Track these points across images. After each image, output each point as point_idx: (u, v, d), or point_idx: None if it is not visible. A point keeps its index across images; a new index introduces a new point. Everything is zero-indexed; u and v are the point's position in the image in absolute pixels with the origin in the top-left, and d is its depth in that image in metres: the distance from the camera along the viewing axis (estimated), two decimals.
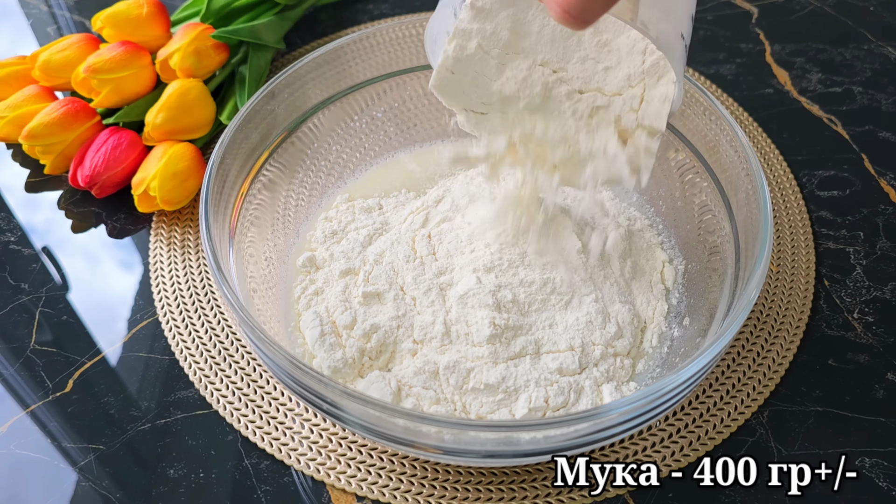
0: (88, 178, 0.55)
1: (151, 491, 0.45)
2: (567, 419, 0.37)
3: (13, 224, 0.58)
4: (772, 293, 0.53)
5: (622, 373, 0.46)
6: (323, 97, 0.55)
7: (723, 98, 0.66)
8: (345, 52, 0.54)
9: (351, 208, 0.53)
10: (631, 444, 0.46)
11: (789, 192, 0.59)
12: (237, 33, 0.61)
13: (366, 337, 0.46)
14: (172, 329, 0.52)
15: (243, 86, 0.61)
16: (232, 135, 0.48)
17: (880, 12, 0.73)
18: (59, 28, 0.73)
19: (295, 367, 0.38)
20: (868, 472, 0.45)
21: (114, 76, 0.57)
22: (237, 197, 0.49)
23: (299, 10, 0.68)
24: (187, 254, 0.55)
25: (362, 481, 0.45)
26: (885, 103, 0.65)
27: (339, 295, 0.48)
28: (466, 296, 0.46)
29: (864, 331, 0.51)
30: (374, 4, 0.74)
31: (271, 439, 0.47)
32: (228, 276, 0.43)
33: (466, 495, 0.44)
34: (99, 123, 0.59)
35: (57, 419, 0.48)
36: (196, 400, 0.48)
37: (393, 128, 0.58)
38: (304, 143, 0.54)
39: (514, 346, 0.45)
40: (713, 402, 0.48)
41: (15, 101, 0.59)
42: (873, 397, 0.48)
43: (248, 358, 0.50)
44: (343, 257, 0.50)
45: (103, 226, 0.58)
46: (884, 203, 0.58)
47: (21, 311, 0.53)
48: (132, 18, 0.60)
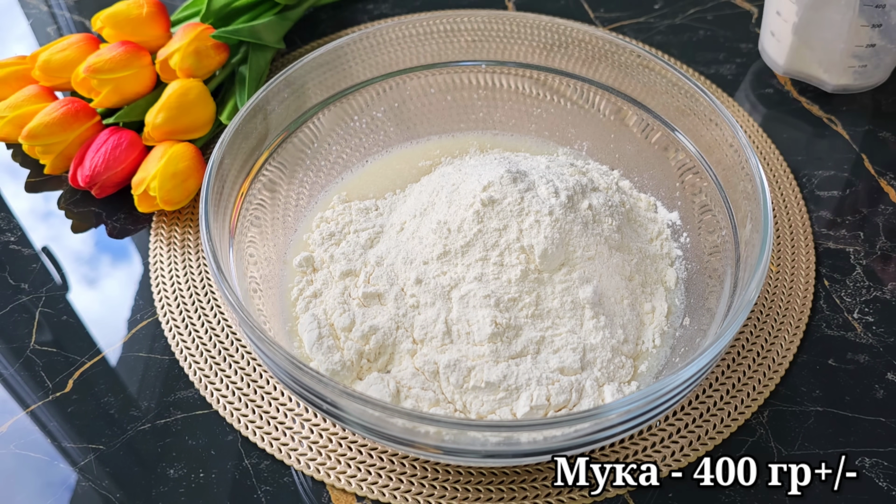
0: (88, 178, 0.55)
1: (151, 491, 0.45)
2: (567, 419, 0.37)
3: (13, 224, 0.58)
4: (772, 293, 0.53)
5: (623, 373, 0.46)
6: (323, 97, 0.55)
7: (723, 98, 0.66)
8: (345, 52, 0.55)
9: (348, 209, 0.53)
10: (631, 444, 0.46)
11: (789, 192, 0.59)
12: (237, 33, 0.61)
13: (364, 339, 0.46)
14: (172, 329, 0.52)
15: (243, 86, 0.61)
16: (232, 135, 0.48)
17: None
18: (59, 28, 0.73)
19: (295, 366, 0.38)
20: (868, 472, 0.45)
21: (114, 76, 0.57)
22: (237, 197, 0.49)
23: (299, 10, 0.68)
24: (187, 254, 0.55)
25: (362, 481, 0.45)
26: (885, 103, 0.65)
27: (338, 297, 0.48)
28: (468, 295, 0.46)
29: (864, 331, 0.51)
30: (374, 4, 0.74)
31: (271, 439, 0.47)
32: (228, 276, 0.43)
33: (466, 495, 0.44)
34: (99, 123, 0.59)
35: (57, 419, 0.48)
36: (196, 400, 0.48)
37: (393, 128, 0.58)
38: (303, 143, 0.54)
39: (515, 345, 0.45)
40: (713, 402, 0.48)
41: (15, 101, 0.59)
42: (873, 397, 0.48)
43: (248, 358, 0.50)
44: (343, 259, 0.50)
45: (103, 226, 0.58)
46: (884, 203, 0.58)
47: (21, 311, 0.53)
48: (132, 18, 0.60)
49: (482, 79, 0.58)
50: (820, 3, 0.58)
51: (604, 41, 0.55)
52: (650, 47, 0.70)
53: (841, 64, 0.62)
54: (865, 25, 0.58)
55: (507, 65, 0.58)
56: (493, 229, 0.47)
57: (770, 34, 0.64)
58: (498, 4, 0.75)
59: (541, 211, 0.47)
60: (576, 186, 0.49)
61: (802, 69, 0.64)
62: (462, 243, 0.47)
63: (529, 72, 0.58)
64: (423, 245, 0.48)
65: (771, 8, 0.63)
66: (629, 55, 0.54)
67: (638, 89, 0.54)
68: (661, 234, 0.52)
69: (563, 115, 0.58)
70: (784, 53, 0.63)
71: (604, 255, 0.48)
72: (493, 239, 0.46)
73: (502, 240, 0.46)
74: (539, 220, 0.46)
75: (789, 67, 0.64)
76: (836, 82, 0.63)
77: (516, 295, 0.46)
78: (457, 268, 0.47)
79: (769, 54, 0.65)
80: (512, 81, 0.58)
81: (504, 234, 0.46)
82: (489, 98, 0.59)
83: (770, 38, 0.64)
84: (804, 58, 0.63)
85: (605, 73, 0.56)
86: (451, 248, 0.47)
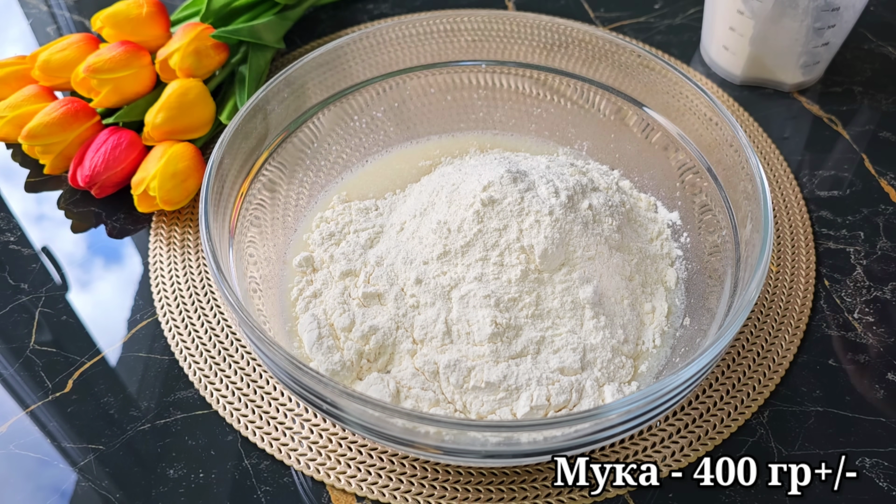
0: (88, 178, 0.55)
1: (151, 491, 0.45)
2: (567, 419, 0.37)
3: (13, 224, 0.58)
4: (772, 293, 0.53)
5: (623, 373, 0.46)
6: (323, 97, 0.55)
7: (723, 98, 0.66)
8: (345, 52, 0.55)
9: (348, 209, 0.53)
10: (631, 444, 0.46)
11: (789, 192, 0.59)
12: (237, 33, 0.61)
13: (364, 339, 0.46)
14: (172, 329, 0.52)
15: (243, 86, 0.61)
16: (232, 135, 0.48)
17: (880, 12, 0.73)
18: (58, 28, 0.73)
19: (295, 366, 0.38)
20: (868, 472, 0.45)
21: (114, 76, 0.57)
22: (237, 197, 0.49)
23: (299, 10, 0.68)
24: (187, 254, 0.55)
25: (362, 481, 0.45)
26: (885, 103, 0.65)
27: (338, 297, 0.48)
28: (468, 295, 0.46)
29: (865, 331, 0.51)
30: (374, 4, 0.74)
31: (271, 439, 0.47)
32: (228, 276, 0.43)
33: (466, 495, 0.44)
34: (99, 123, 0.59)
35: (57, 419, 0.48)
36: (196, 400, 0.48)
37: (393, 128, 0.58)
38: (303, 143, 0.54)
39: (515, 345, 0.45)
40: (713, 402, 0.48)
41: (15, 101, 0.59)
42: (873, 397, 0.48)
43: (248, 358, 0.50)
44: (343, 259, 0.50)
45: (103, 226, 0.58)
46: (884, 203, 0.58)
47: (21, 311, 0.53)
48: (132, 18, 0.60)
49: (482, 79, 0.58)
50: (777, 16, 0.60)
51: (604, 41, 0.55)
52: (650, 47, 0.70)
53: (797, 64, 0.64)
54: (821, 28, 0.60)
55: (507, 65, 0.58)
56: (493, 229, 0.47)
57: (723, 48, 0.66)
58: (498, 4, 0.75)
59: (541, 211, 0.47)
60: (576, 186, 0.49)
61: (759, 75, 0.66)
62: (462, 243, 0.47)
63: (529, 72, 0.58)
64: (423, 245, 0.48)
65: (720, 24, 0.64)
66: (629, 55, 0.54)
67: (638, 89, 0.54)
68: (661, 234, 0.52)
69: (564, 114, 0.58)
70: (741, 65, 0.65)
71: (604, 255, 0.48)
72: (493, 239, 0.46)
73: (502, 240, 0.46)
74: (539, 220, 0.46)
75: (746, 76, 0.66)
76: (793, 81, 0.65)
77: (516, 295, 0.46)
78: (457, 268, 0.47)
79: (722, 67, 0.67)
80: (512, 81, 0.58)
81: (504, 234, 0.46)
82: (489, 98, 0.59)
83: (723, 52, 0.66)
84: (761, 66, 0.65)
85: (605, 73, 0.56)
86: (451, 248, 0.47)
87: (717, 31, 0.65)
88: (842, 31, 0.62)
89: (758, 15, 0.60)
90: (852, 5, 0.59)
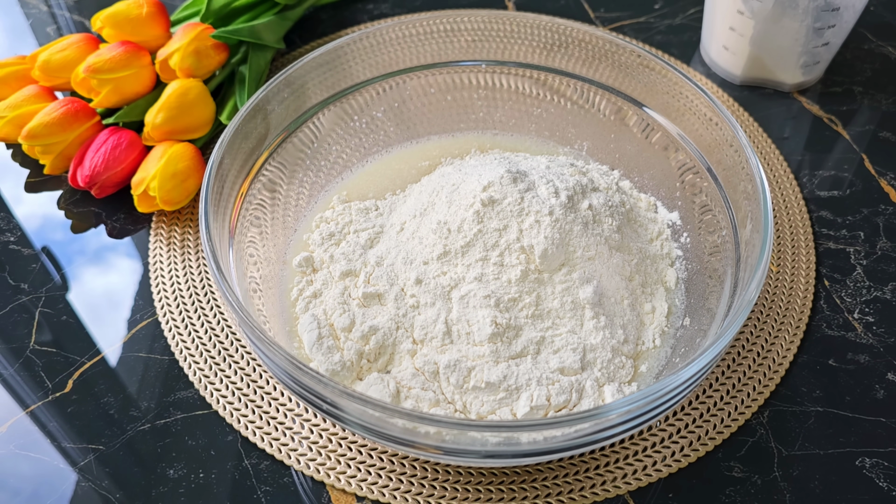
0: (88, 178, 0.55)
1: (151, 491, 0.45)
2: (567, 419, 0.37)
3: (13, 224, 0.58)
4: (772, 293, 0.53)
5: (623, 373, 0.46)
6: (323, 97, 0.55)
7: (723, 98, 0.66)
8: (345, 52, 0.55)
9: (348, 209, 0.53)
10: (631, 444, 0.46)
11: (789, 192, 0.59)
12: (237, 33, 0.61)
13: (364, 339, 0.46)
14: (172, 329, 0.52)
15: (243, 86, 0.61)
16: (232, 135, 0.48)
17: (880, 12, 0.73)
18: (58, 28, 0.73)
19: (295, 367, 0.38)
20: (868, 472, 0.45)
21: (114, 76, 0.57)
22: (237, 197, 0.49)
23: (299, 10, 0.68)
24: (187, 254, 0.55)
25: (362, 481, 0.45)
26: (885, 103, 0.65)
27: (338, 297, 0.48)
28: (468, 295, 0.46)
29: (865, 331, 0.51)
30: (374, 4, 0.74)
31: (271, 439, 0.47)
32: (228, 276, 0.43)
33: (466, 495, 0.44)
34: (99, 123, 0.59)
35: (57, 419, 0.48)
36: (196, 400, 0.48)
37: (393, 128, 0.58)
38: (303, 143, 0.54)
39: (515, 345, 0.45)
40: (713, 402, 0.48)
41: (15, 101, 0.59)
42: (873, 397, 0.48)
43: (248, 358, 0.50)
44: (343, 259, 0.50)
45: (103, 226, 0.58)
46: (884, 203, 0.58)
47: (21, 311, 0.53)
48: (132, 18, 0.60)
49: (482, 79, 0.58)
50: (777, 16, 0.60)
51: (604, 41, 0.55)
52: (650, 47, 0.70)
53: (797, 64, 0.64)
54: (822, 28, 0.60)
55: (507, 65, 0.58)
56: (493, 229, 0.47)
57: (723, 48, 0.66)
58: (498, 4, 0.75)
59: (541, 211, 0.47)
60: (576, 186, 0.49)
61: (759, 76, 0.66)
62: (462, 243, 0.47)
63: (529, 72, 0.58)
64: (423, 245, 0.48)
65: (721, 24, 0.64)
66: (629, 55, 0.54)
67: (638, 89, 0.54)
68: (661, 235, 0.52)
69: (564, 115, 0.58)
70: (741, 65, 0.65)
71: (604, 255, 0.48)
72: (493, 239, 0.46)
73: (502, 240, 0.46)
74: (539, 221, 0.46)
75: (746, 76, 0.66)
76: (793, 81, 0.65)
77: (516, 295, 0.46)
78: (457, 268, 0.47)
79: (722, 67, 0.67)
80: (512, 81, 0.58)
81: (504, 234, 0.46)
82: (489, 98, 0.59)
83: (723, 52, 0.66)
84: (762, 66, 0.65)
85: (605, 73, 0.56)
86: (452, 248, 0.47)
87: (717, 31, 0.65)
88: (842, 31, 0.62)
89: (758, 15, 0.61)
90: (852, 5, 0.59)
